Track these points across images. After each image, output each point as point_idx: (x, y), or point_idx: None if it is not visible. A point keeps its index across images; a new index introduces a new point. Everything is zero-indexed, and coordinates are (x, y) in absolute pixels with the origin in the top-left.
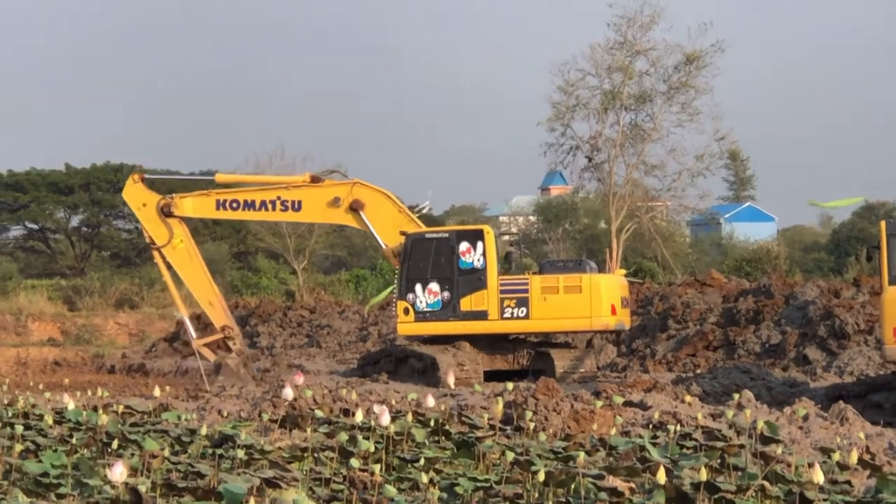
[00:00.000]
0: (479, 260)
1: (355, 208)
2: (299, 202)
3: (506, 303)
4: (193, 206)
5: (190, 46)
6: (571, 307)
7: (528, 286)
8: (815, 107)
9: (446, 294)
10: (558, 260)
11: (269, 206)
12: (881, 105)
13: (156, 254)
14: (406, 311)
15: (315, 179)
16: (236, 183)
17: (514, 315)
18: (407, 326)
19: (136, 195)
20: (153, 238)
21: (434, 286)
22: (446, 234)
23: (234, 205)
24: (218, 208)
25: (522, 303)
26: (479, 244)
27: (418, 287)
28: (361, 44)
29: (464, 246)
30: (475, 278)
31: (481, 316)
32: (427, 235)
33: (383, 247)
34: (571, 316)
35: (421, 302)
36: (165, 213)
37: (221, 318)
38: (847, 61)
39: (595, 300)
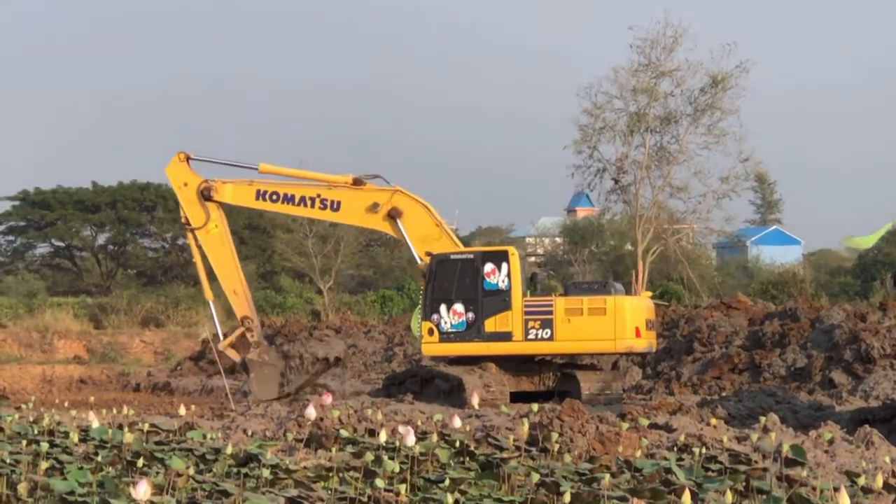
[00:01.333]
0: (503, 281)
1: (393, 216)
2: (339, 202)
3: (530, 324)
4: (234, 192)
5: (216, 66)
6: (595, 329)
7: (552, 308)
8: (844, 130)
9: (471, 315)
10: (584, 282)
11: (309, 202)
12: None
13: (189, 235)
14: (431, 332)
15: (357, 182)
16: (279, 175)
17: (539, 336)
18: (432, 347)
19: (178, 173)
20: (189, 219)
21: (459, 307)
22: (471, 255)
23: (274, 197)
24: (258, 198)
25: (547, 324)
26: (504, 265)
27: (443, 308)
28: (385, 60)
29: (489, 267)
30: (500, 299)
31: (506, 337)
32: (452, 256)
33: (418, 260)
34: (595, 338)
35: (446, 323)
36: (205, 196)
37: (243, 308)
38: (878, 84)
39: (619, 322)
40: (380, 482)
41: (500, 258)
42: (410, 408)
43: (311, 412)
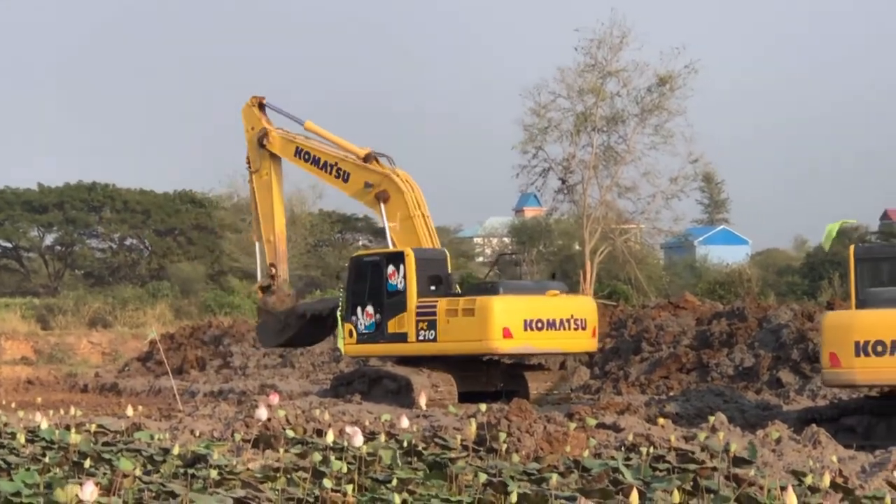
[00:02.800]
0: (401, 282)
1: (380, 199)
2: (348, 174)
3: (420, 325)
4: (281, 144)
5: (165, 63)
6: (466, 330)
7: (436, 309)
8: (790, 129)
9: (378, 316)
10: (482, 282)
11: (329, 169)
12: (858, 128)
13: (249, 176)
14: (350, 333)
15: (368, 158)
16: (320, 136)
17: (426, 337)
18: (351, 348)
19: (250, 116)
20: (250, 161)
21: (370, 308)
22: (377, 258)
23: (307, 157)
24: (296, 155)
25: (432, 325)
26: (402, 266)
27: (359, 309)
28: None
29: (390, 269)
30: (399, 301)
31: (402, 338)
32: (365, 259)
33: (390, 247)
34: (466, 339)
35: (361, 324)
36: (260, 143)
37: (272, 255)
38: (824, 82)
39: (484, 323)
40: (327, 482)
41: (398, 260)
42: (358, 408)
43: (262, 413)
